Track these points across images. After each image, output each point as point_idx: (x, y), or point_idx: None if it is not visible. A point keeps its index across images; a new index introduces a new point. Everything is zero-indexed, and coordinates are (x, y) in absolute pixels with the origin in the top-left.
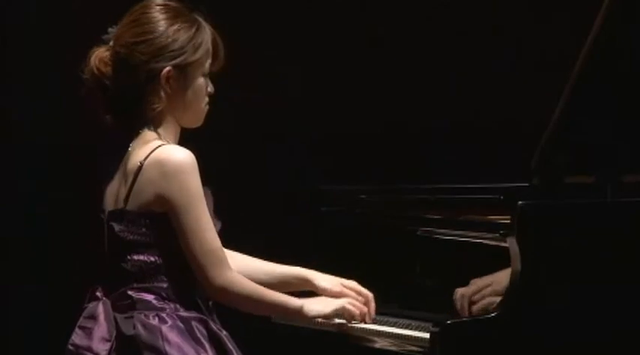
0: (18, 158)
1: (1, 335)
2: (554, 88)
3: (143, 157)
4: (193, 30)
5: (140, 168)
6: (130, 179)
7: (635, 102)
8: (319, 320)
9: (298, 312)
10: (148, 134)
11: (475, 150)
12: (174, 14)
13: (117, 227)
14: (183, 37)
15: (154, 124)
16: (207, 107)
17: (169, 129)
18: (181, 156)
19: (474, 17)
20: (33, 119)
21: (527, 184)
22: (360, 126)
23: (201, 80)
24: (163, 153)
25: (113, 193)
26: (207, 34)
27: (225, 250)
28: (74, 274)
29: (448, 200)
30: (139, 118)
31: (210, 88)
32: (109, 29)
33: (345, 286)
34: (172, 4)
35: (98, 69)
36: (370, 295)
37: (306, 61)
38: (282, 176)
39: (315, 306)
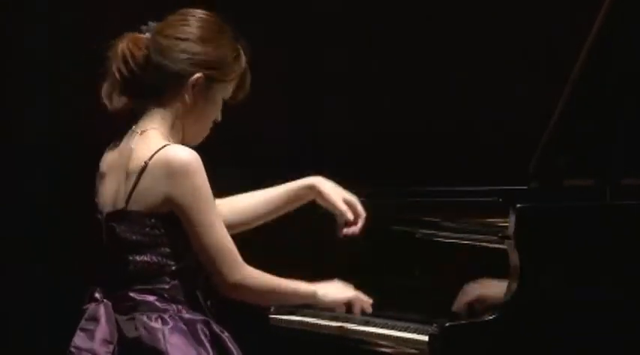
0: (18, 158)
1: (1, 335)
2: (553, 91)
3: (148, 156)
4: (235, 54)
5: (144, 167)
6: (134, 178)
7: (634, 104)
8: (320, 322)
9: (313, 297)
10: (153, 134)
11: (474, 152)
12: (223, 31)
13: (118, 228)
14: (224, 54)
15: (163, 125)
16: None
17: (175, 136)
18: (187, 156)
19: (473, 18)
20: (33, 119)
21: (525, 187)
22: (359, 128)
23: (220, 101)
24: (169, 153)
25: (111, 193)
26: (243, 63)
27: (223, 200)
28: (74, 274)
29: (447, 202)
30: (151, 114)
31: (219, 117)
32: (150, 22)
33: (345, 200)
34: (224, 24)
35: (130, 50)
36: (364, 214)
37: (307, 61)
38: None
39: (329, 291)
